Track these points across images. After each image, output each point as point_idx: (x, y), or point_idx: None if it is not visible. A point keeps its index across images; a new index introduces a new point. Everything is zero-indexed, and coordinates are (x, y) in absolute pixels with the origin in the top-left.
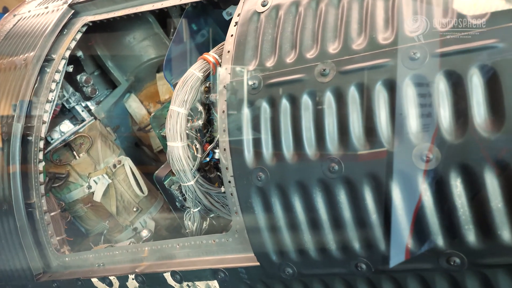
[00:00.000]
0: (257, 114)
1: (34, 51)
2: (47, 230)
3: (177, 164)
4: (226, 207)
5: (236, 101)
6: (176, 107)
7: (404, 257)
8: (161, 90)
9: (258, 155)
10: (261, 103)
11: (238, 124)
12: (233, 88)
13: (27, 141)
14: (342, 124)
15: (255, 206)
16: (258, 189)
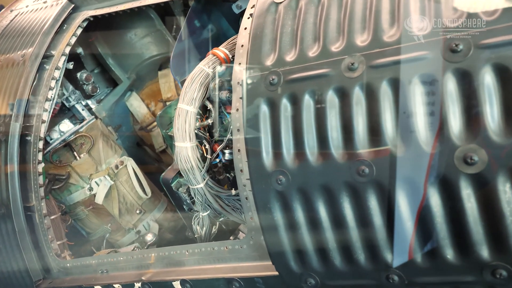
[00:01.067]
0: (277, 112)
1: (32, 47)
2: (47, 235)
3: (186, 166)
4: (237, 210)
5: (253, 98)
6: (184, 105)
7: (443, 268)
8: (163, 88)
9: (278, 156)
10: (281, 100)
11: (255, 123)
12: (249, 84)
13: (26, 141)
14: (373, 123)
15: (274, 212)
16: (278, 193)
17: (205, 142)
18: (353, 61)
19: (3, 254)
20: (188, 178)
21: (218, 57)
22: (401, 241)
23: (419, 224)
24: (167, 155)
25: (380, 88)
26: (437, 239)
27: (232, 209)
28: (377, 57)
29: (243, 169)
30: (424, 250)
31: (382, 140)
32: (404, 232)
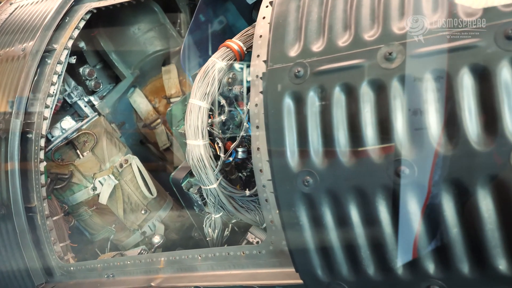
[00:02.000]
0: (303, 107)
1: (33, 41)
2: (50, 237)
3: (198, 165)
4: (252, 212)
5: (275, 92)
6: (196, 101)
7: (492, 280)
8: (167, 84)
9: (304, 156)
10: (308, 93)
11: (278, 119)
12: (271, 77)
13: (27, 139)
14: (415, 119)
15: (299, 215)
16: (304, 195)
17: (218, 140)
18: (390, 50)
19: (4, 257)
20: (200, 178)
21: (231, 50)
22: (445, 249)
23: (467, 230)
24: (171, 153)
25: (422, 80)
26: (487, 247)
27: (246, 210)
28: (418, 46)
29: (263, 169)
30: (472, 259)
31: (424, 137)
32: (449, 239)
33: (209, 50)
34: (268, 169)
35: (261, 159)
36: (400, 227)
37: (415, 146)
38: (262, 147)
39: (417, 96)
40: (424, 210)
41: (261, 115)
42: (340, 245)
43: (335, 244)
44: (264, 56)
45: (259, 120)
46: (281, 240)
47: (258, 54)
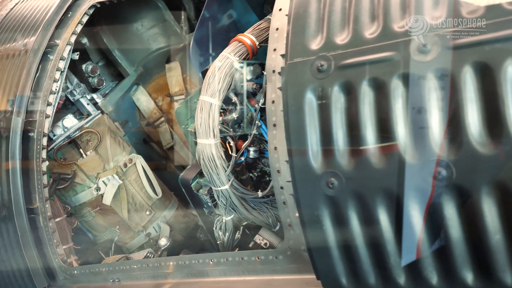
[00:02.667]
0: (327, 103)
1: (35, 36)
2: (52, 239)
3: (209, 165)
4: (264, 214)
5: (295, 87)
6: (207, 98)
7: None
8: (171, 82)
9: (329, 156)
10: (333, 89)
11: (299, 117)
12: (291, 72)
13: (28, 138)
14: (453, 116)
15: (323, 219)
16: (328, 198)
17: (229, 139)
18: (425, 42)
19: (5, 260)
20: (211, 179)
21: (244, 44)
22: (485, 258)
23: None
24: (175, 152)
25: (461, 74)
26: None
27: (258, 212)
28: (457, 37)
29: (280, 169)
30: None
31: (465, 137)
32: (492, 247)
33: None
34: (286, 170)
35: (278, 159)
36: (434, 234)
37: (454, 145)
38: (280, 147)
39: (457, 92)
40: (463, 215)
41: (279, 112)
42: (368, 252)
43: (362, 250)
44: (281, 50)
45: (276, 118)
46: (300, 245)
47: (275, 48)
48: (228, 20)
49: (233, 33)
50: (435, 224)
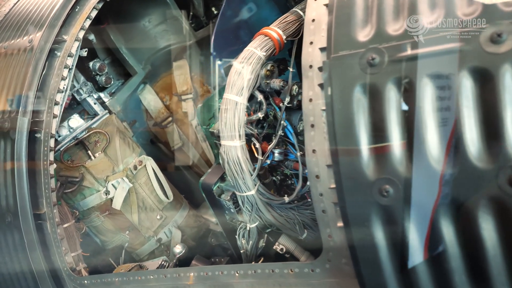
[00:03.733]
0: (380, 101)
1: (41, 31)
2: (61, 246)
3: (235, 169)
4: (291, 221)
5: (340, 84)
6: (233, 96)
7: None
8: (178, 81)
9: (383, 160)
10: (386, 85)
11: (347, 117)
12: (336, 66)
13: (35, 139)
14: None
15: (374, 231)
16: (381, 208)
17: (254, 140)
18: (499, 30)
19: (10, 269)
20: (236, 183)
21: (270, 38)
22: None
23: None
24: (184, 153)
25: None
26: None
27: (285, 219)
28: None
29: (319, 174)
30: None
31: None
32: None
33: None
34: (327, 175)
35: (317, 163)
36: (509, 249)
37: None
38: (319, 150)
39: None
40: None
41: (318, 111)
42: (428, 269)
43: (421, 267)
44: (319, 43)
45: (314, 118)
46: (340, 257)
47: (311, 41)
48: (248, 14)
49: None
50: (509, 237)
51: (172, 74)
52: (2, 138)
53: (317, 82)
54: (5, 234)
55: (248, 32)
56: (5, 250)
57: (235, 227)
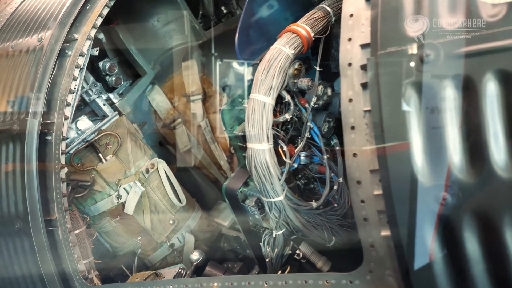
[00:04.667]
0: (435, 101)
1: (51, 30)
2: (73, 254)
3: (263, 173)
4: (319, 227)
5: (389, 83)
6: (260, 96)
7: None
8: (187, 81)
9: (440, 165)
10: (442, 84)
11: (396, 118)
12: (383, 64)
13: (46, 142)
14: None
15: (429, 242)
16: (438, 217)
17: (281, 143)
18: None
19: (20, 278)
20: (263, 189)
21: (299, 35)
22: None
23: None
24: (193, 155)
25: None
26: None
27: (313, 226)
28: None
29: (361, 180)
30: None
31: None
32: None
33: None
34: (369, 180)
35: (359, 168)
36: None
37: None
38: (361, 153)
39: None
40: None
41: (359, 112)
42: (489, 284)
43: (481, 281)
44: (359, 39)
45: (355, 119)
46: (384, 269)
47: (350, 37)
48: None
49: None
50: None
51: (180, 74)
52: (11, 141)
53: (358, 81)
54: (14, 241)
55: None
56: (14, 258)
57: (259, 234)
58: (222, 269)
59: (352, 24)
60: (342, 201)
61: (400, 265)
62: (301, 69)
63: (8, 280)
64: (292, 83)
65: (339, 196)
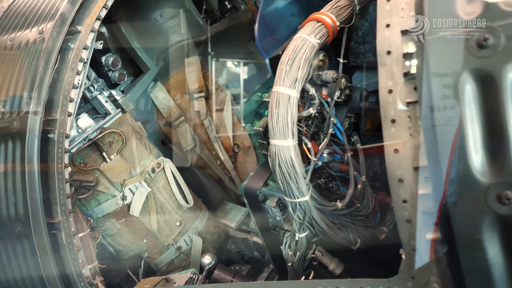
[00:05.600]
0: (495, 90)
1: (53, 21)
2: (77, 259)
3: (288, 172)
4: (344, 230)
5: (440, 71)
6: (285, 89)
7: None
8: (190, 78)
9: (500, 161)
10: (502, 71)
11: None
12: (433, 50)
13: (48, 140)
14: None
15: (487, 246)
16: (500, 218)
17: (305, 139)
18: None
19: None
20: (287, 188)
21: (324, 24)
22: None
23: None
24: (196, 154)
25: None
26: None
27: (338, 228)
28: None
29: (403, 178)
30: None
31: None
32: None
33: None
34: (412, 178)
35: (401, 165)
36: None
37: None
38: (403, 149)
39: None
40: None
41: (398, 104)
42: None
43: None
44: (398, 25)
45: (395, 112)
46: (428, 274)
47: (388, 24)
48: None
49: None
50: None
51: (183, 71)
52: (10, 139)
53: (398, 70)
54: (14, 246)
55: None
56: (14, 264)
57: (278, 236)
58: (231, 273)
59: (390, 9)
60: (365, 201)
61: (451, 273)
62: (325, 61)
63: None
64: (316, 75)
65: (362, 196)
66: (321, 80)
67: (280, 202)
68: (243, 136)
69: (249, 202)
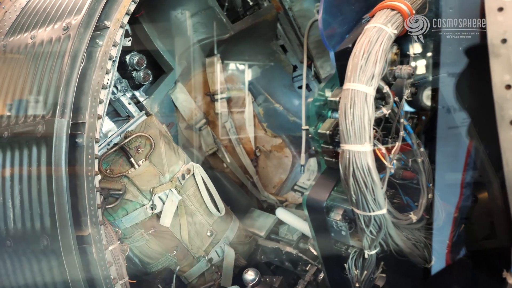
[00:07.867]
0: None
1: (79, 15)
2: (110, 276)
3: (364, 181)
4: (418, 244)
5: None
6: (361, 86)
7: None
8: (211, 79)
9: None
10: None
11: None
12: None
13: (76, 145)
14: None
15: None
16: None
17: (378, 144)
18: None
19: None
20: (361, 199)
21: (399, 11)
22: None
23: None
24: (218, 159)
25: None
26: None
27: (413, 244)
28: None
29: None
30: None
31: None
32: None
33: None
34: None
35: None
36: None
37: None
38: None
39: None
40: None
41: None
42: None
43: None
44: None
45: None
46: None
47: (501, 7)
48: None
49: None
50: None
51: (204, 71)
52: (35, 145)
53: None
54: (39, 261)
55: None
56: (39, 281)
57: (340, 253)
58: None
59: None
60: (435, 212)
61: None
62: (399, 54)
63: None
64: (389, 71)
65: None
66: (393, 77)
67: (345, 215)
68: (264, 139)
69: (311, 214)
